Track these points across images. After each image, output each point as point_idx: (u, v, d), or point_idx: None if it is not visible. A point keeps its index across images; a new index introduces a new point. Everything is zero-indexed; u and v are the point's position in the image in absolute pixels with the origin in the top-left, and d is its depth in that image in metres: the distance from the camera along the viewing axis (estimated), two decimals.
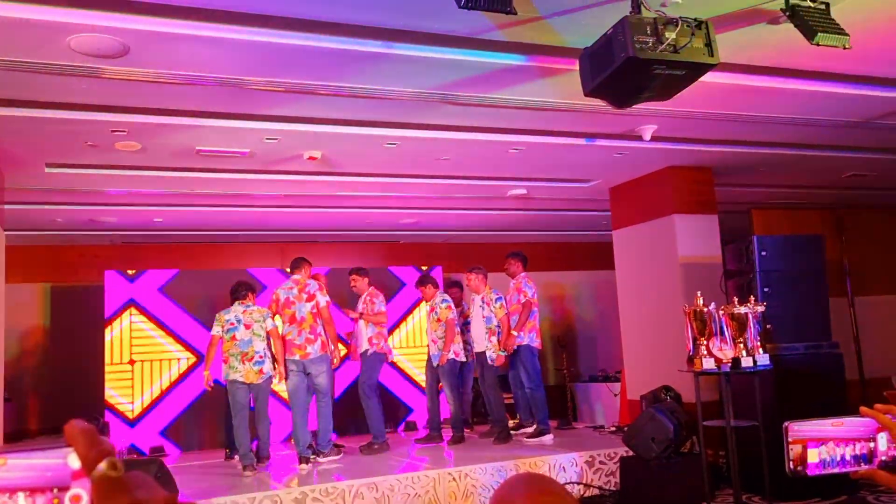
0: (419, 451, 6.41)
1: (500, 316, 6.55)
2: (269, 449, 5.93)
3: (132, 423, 7.38)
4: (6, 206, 5.76)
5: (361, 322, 6.50)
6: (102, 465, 0.41)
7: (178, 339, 7.70)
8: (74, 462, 0.42)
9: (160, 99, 4.23)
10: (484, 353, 6.57)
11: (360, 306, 6.55)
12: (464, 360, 6.73)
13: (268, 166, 5.72)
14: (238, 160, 5.48)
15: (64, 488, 0.42)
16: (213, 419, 7.39)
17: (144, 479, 0.44)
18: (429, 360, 6.85)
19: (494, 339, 6.54)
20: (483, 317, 6.60)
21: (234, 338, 5.82)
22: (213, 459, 6.65)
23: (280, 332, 5.99)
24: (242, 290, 6.01)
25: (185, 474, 5.86)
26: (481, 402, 7.21)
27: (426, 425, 7.04)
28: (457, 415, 6.63)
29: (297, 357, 5.87)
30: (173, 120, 4.52)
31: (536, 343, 6.56)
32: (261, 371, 5.78)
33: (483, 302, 6.61)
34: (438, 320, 6.62)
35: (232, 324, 5.85)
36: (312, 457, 5.85)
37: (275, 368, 5.88)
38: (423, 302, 7.26)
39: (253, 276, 8.00)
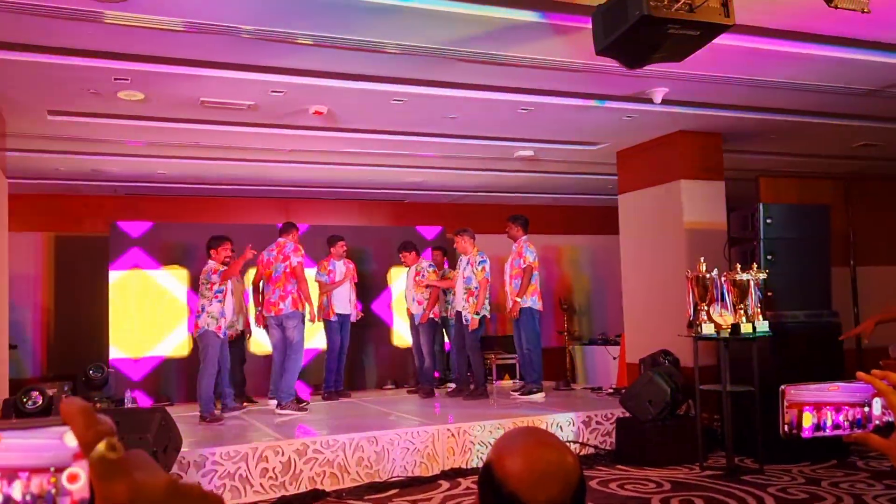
0: (423, 407, 6.54)
1: (479, 278, 6.69)
2: (214, 403, 6.04)
3: (136, 372, 7.49)
4: (8, 153, 5.73)
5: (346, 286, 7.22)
6: (101, 447, 0.40)
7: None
8: (71, 441, 0.40)
9: (164, 47, 4.16)
10: (459, 312, 6.82)
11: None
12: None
13: (273, 120, 5.66)
14: (243, 113, 5.42)
15: (61, 468, 0.40)
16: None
17: (145, 460, 0.42)
18: (412, 320, 7.35)
19: (473, 300, 6.67)
20: (464, 277, 6.77)
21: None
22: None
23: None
24: (209, 245, 6.13)
25: (188, 424, 5.98)
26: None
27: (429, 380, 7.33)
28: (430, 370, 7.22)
29: (272, 313, 6.22)
30: (177, 69, 4.46)
31: (538, 306, 6.59)
32: (196, 325, 5.96)
33: (468, 263, 6.76)
34: (426, 285, 7.15)
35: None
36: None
37: (216, 322, 5.90)
38: (405, 266, 7.50)
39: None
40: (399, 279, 8.42)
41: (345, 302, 7.19)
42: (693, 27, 3.33)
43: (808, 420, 1.06)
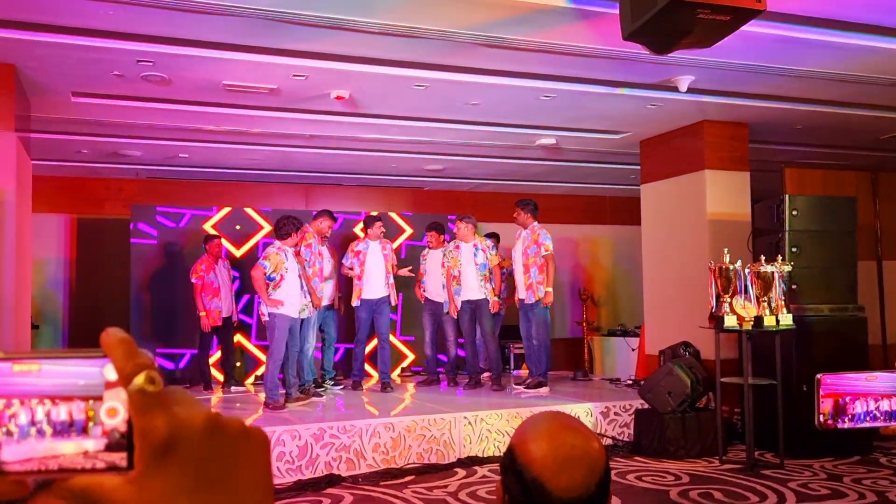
0: (440, 394, 6.53)
1: (494, 263, 6.63)
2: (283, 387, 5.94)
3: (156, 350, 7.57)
4: (32, 135, 5.78)
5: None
6: (139, 379, 0.38)
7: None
8: (111, 374, 0.39)
9: (188, 29, 4.16)
10: (475, 300, 6.62)
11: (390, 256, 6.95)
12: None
13: (294, 104, 5.65)
14: (265, 97, 5.42)
15: (100, 398, 0.39)
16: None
17: (184, 395, 0.41)
18: (431, 307, 7.11)
19: (489, 285, 6.59)
20: (476, 264, 6.61)
21: None
22: (239, 393, 6.81)
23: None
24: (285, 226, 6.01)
25: (206, 405, 6.03)
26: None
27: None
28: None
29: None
30: (201, 52, 4.45)
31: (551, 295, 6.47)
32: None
33: (477, 249, 6.63)
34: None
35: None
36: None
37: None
38: (429, 248, 7.21)
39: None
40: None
41: (377, 286, 6.74)
42: (723, 12, 3.27)
43: (845, 410, 1.03)
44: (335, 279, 6.98)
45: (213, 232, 7.47)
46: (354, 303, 6.76)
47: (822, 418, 1.07)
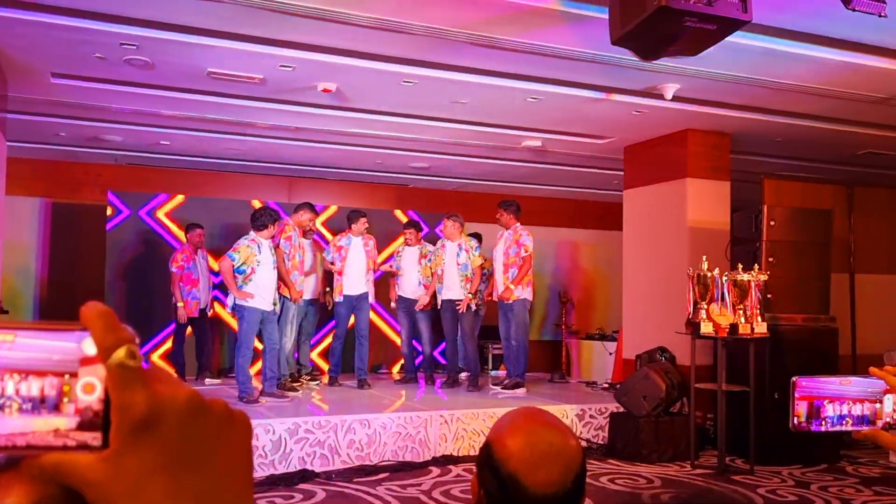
0: (416, 393, 6.52)
1: (476, 264, 6.62)
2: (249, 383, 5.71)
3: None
4: (9, 116, 5.66)
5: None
6: (120, 353, 0.37)
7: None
8: (90, 347, 0.37)
9: (174, 13, 4.10)
10: (456, 300, 6.60)
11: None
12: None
13: (280, 95, 5.60)
14: (250, 86, 5.37)
15: (76, 375, 0.37)
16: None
17: (166, 374, 0.40)
18: (405, 305, 7.13)
19: (469, 285, 6.60)
20: (458, 263, 6.61)
21: None
22: (213, 385, 6.74)
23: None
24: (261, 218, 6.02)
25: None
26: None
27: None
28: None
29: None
30: (186, 37, 4.39)
31: (531, 297, 6.50)
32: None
33: (460, 249, 6.63)
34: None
35: None
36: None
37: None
38: (406, 245, 7.21)
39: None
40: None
41: (358, 282, 6.70)
42: (710, 21, 3.31)
43: (819, 413, 1.04)
44: (320, 273, 6.94)
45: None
46: (337, 298, 6.70)
47: (796, 420, 1.08)
